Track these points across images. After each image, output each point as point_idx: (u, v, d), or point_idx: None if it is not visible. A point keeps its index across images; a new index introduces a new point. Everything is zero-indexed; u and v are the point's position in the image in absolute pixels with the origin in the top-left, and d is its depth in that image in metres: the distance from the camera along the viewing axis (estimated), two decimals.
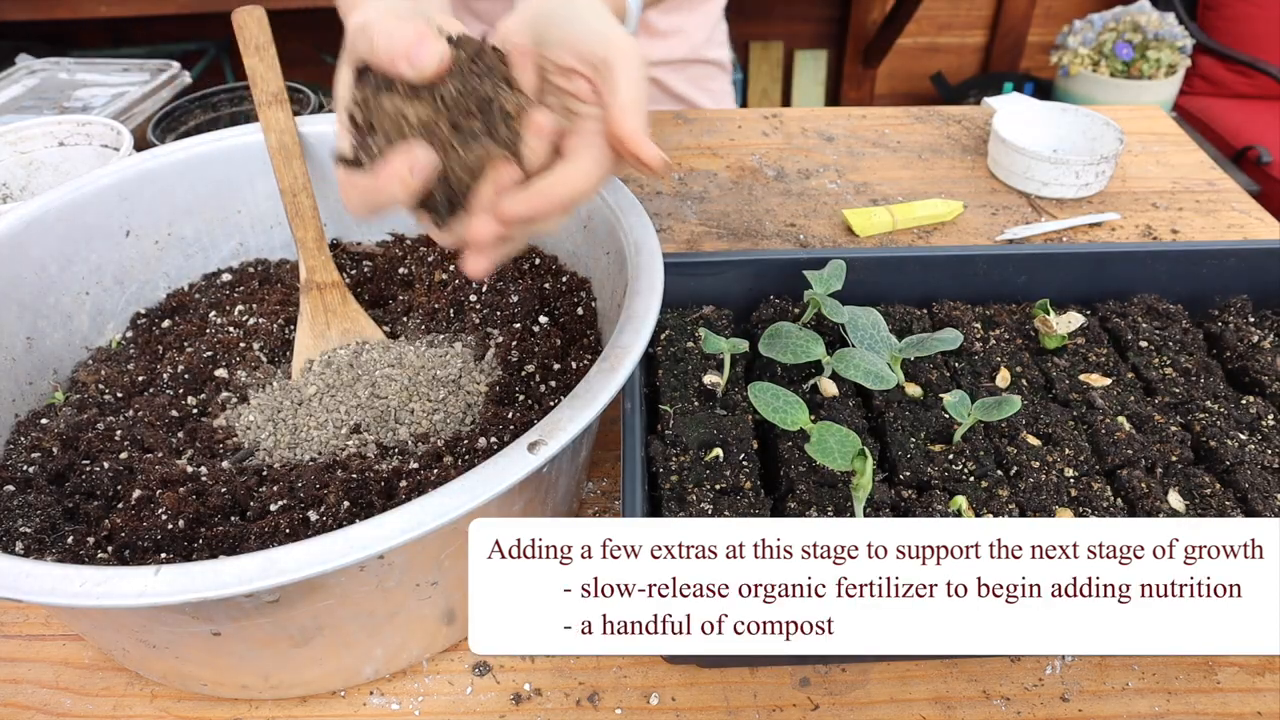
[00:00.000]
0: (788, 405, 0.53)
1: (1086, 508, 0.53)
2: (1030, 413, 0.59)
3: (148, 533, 0.51)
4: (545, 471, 0.50)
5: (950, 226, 0.92)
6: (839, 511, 0.52)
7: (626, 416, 0.55)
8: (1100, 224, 0.91)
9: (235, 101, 1.04)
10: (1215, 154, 2.06)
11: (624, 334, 0.51)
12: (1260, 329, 0.67)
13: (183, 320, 0.69)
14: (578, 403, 0.47)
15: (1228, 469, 0.56)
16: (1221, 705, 0.51)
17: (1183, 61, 2.25)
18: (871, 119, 1.11)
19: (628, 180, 0.97)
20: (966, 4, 2.65)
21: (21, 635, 0.56)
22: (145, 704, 0.52)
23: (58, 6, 2.04)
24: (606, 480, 0.65)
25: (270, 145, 0.68)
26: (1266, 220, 0.92)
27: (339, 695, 0.52)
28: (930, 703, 0.51)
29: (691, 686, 0.52)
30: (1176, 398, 0.61)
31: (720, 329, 0.66)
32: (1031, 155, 0.94)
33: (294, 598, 0.44)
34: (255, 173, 0.73)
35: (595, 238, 0.66)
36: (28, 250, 0.63)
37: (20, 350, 0.62)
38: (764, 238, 0.90)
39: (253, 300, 0.71)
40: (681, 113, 1.10)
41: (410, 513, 0.41)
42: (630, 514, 0.49)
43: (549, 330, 0.66)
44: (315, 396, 0.62)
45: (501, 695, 0.52)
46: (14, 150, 0.91)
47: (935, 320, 0.68)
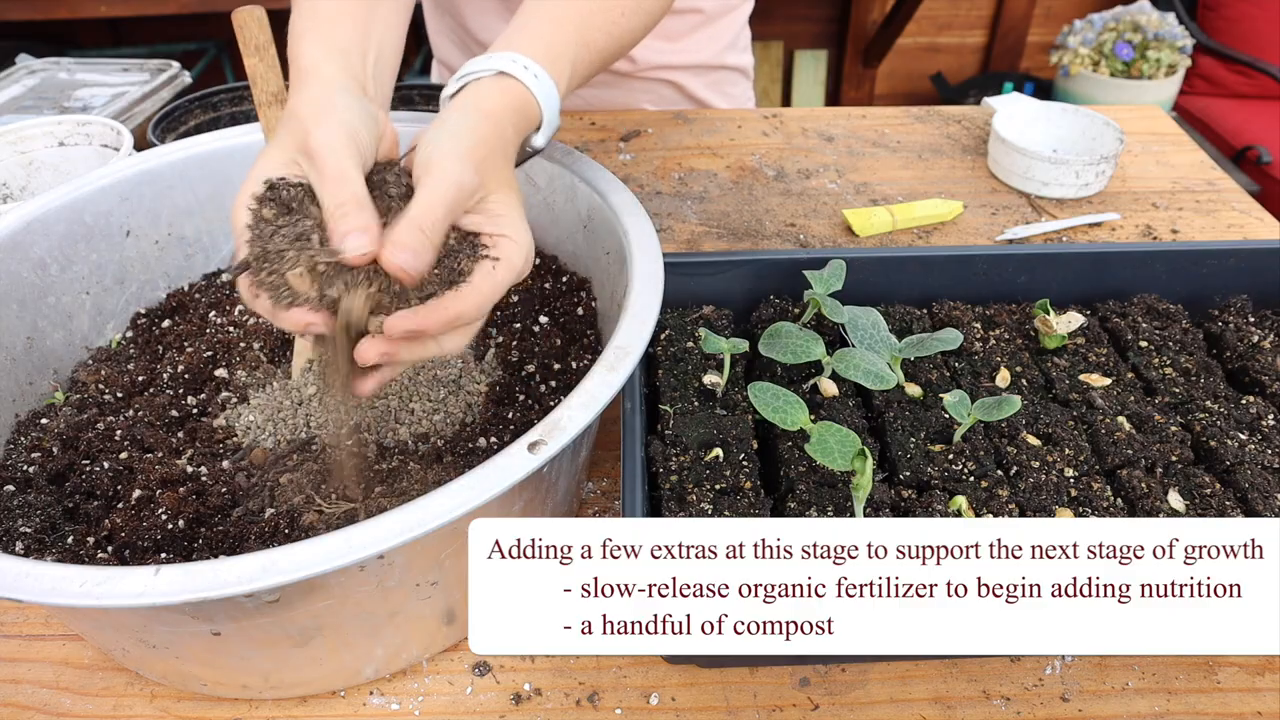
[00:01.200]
0: (788, 405, 0.53)
1: (1086, 508, 0.53)
2: (1030, 413, 0.59)
3: (148, 533, 0.51)
4: (545, 471, 0.50)
5: (950, 226, 0.92)
6: (839, 511, 0.52)
7: (626, 416, 0.55)
8: (1100, 224, 0.91)
9: (235, 101, 1.04)
10: (1215, 154, 2.07)
11: (624, 334, 0.51)
12: (1260, 329, 0.67)
13: (183, 320, 0.69)
14: (577, 402, 0.47)
15: (1228, 469, 0.56)
16: (1221, 705, 0.51)
17: (1183, 61, 2.25)
18: (871, 119, 1.11)
19: (628, 180, 0.97)
20: (966, 4, 2.65)
21: (21, 635, 0.56)
22: (145, 704, 0.52)
23: (58, 6, 2.04)
24: (606, 480, 0.65)
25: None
26: (1266, 220, 0.92)
27: (339, 695, 0.52)
28: (930, 703, 0.51)
29: (691, 686, 0.52)
30: (1176, 398, 0.61)
31: (720, 329, 0.66)
32: (1031, 155, 0.94)
33: (294, 598, 0.44)
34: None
35: (595, 237, 0.66)
36: (28, 250, 0.63)
37: (20, 350, 0.62)
38: (764, 238, 0.90)
39: None
40: (682, 113, 1.10)
41: (410, 513, 0.41)
42: (630, 514, 0.49)
43: (549, 330, 0.66)
44: (315, 396, 0.62)
45: (501, 695, 0.52)
46: (14, 150, 0.91)
47: (935, 320, 0.68)
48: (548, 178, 0.69)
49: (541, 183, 0.70)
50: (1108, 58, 2.26)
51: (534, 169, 0.70)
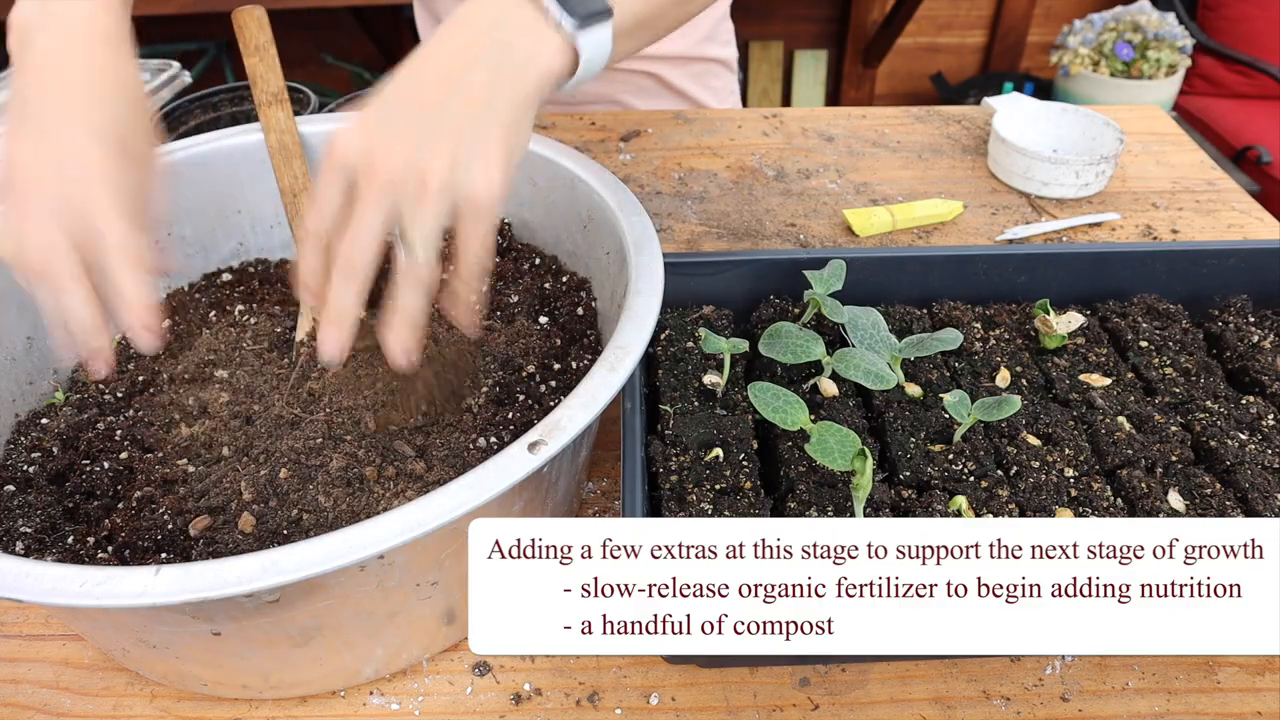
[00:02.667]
0: (788, 405, 0.53)
1: (1086, 508, 0.53)
2: (1030, 413, 0.59)
3: (148, 533, 0.51)
4: (545, 471, 0.50)
5: (950, 226, 0.92)
6: (839, 511, 0.52)
7: (626, 416, 0.55)
8: (1100, 224, 0.91)
9: (235, 101, 1.04)
10: (1215, 154, 2.07)
11: (624, 333, 0.51)
12: (1260, 329, 0.67)
13: (183, 320, 0.69)
14: (577, 403, 0.47)
15: (1228, 469, 0.56)
16: (1221, 705, 0.51)
17: (1183, 61, 2.25)
18: (871, 119, 1.11)
19: (628, 180, 0.97)
20: (966, 4, 2.65)
21: (21, 635, 0.56)
22: (145, 704, 0.52)
23: None
24: (606, 480, 0.65)
25: (270, 145, 0.68)
26: (1266, 220, 0.92)
27: (339, 695, 0.52)
28: (930, 703, 0.51)
29: (691, 686, 0.52)
30: (1176, 398, 0.61)
31: (720, 329, 0.66)
32: (1031, 155, 0.94)
33: (294, 598, 0.44)
34: (255, 173, 0.73)
35: (595, 238, 0.66)
36: None
37: (20, 350, 0.62)
38: (764, 238, 0.90)
39: (253, 300, 0.71)
40: (681, 113, 1.10)
41: (410, 513, 0.41)
42: (630, 514, 0.49)
43: (549, 330, 0.66)
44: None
45: (501, 695, 0.52)
46: None
47: (935, 320, 0.68)
48: (548, 177, 0.69)
49: (541, 182, 0.70)
50: (1108, 58, 2.26)
51: (534, 169, 0.70)
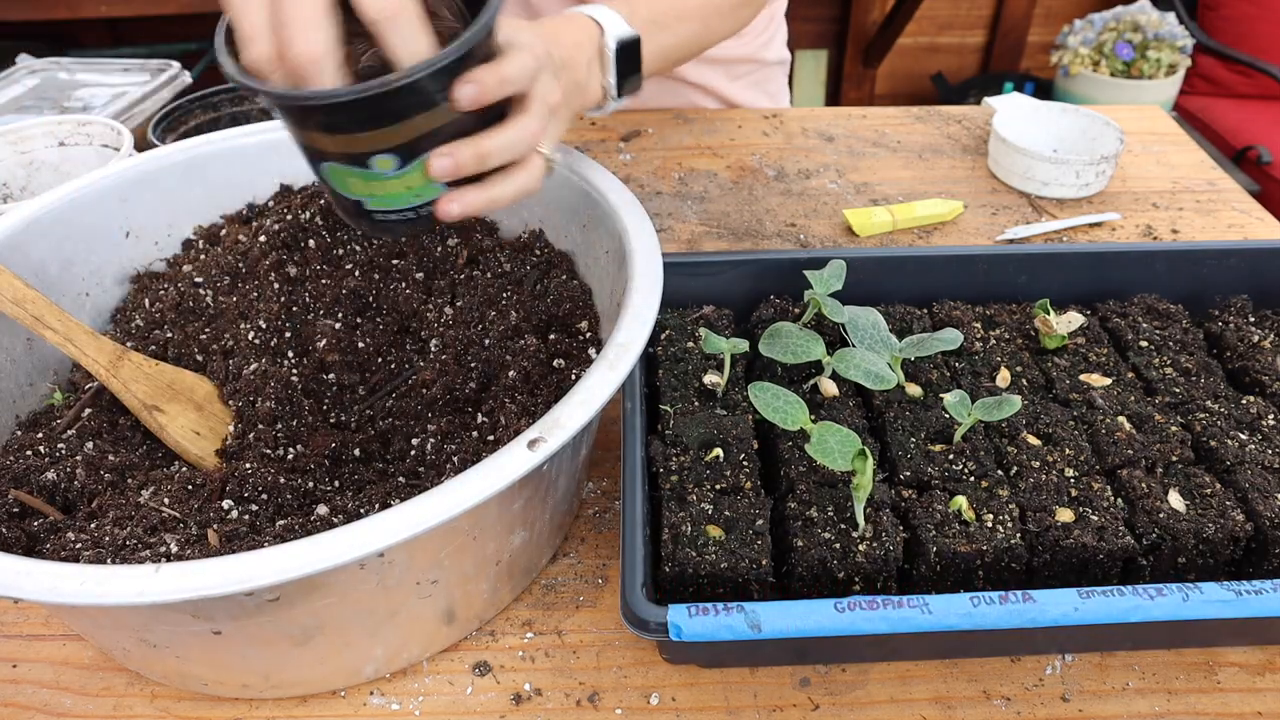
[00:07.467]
0: (788, 405, 0.53)
1: (1087, 507, 0.53)
2: (1030, 413, 0.59)
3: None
4: (545, 469, 0.50)
5: (950, 226, 0.92)
6: (839, 511, 0.52)
7: (626, 416, 0.55)
8: (1100, 224, 0.91)
9: (235, 101, 1.04)
10: (1215, 154, 2.06)
11: (624, 332, 0.51)
12: (1260, 329, 0.67)
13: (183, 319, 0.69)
14: (577, 400, 0.47)
15: (1228, 469, 0.56)
16: (1221, 705, 0.51)
17: (1183, 61, 2.25)
18: (871, 119, 1.11)
19: (628, 180, 0.97)
20: (966, 4, 2.65)
21: (21, 635, 0.56)
22: (145, 704, 0.52)
23: (58, 6, 2.04)
24: (606, 480, 0.65)
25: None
26: (1266, 220, 0.92)
27: (339, 695, 0.52)
28: (930, 703, 0.51)
29: (691, 686, 0.52)
30: (1177, 398, 0.61)
31: (720, 329, 0.66)
32: (1031, 155, 0.94)
33: (294, 596, 0.44)
34: (256, 174, 0.73)
35: (595, 237, 0.66)
36: (28, 251, 0.63)
37: (20, 351, 0.62)
38: (764, 238, 0.90)
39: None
40: (681, 113, 1.10)
41: (410, 511, 0.41)
42: (630, 514, 0.49)
43: (548, 330, 0.65)
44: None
45: (502, 695, 0.52)
46: (14, 150, 0.91)
47: (935, 320, 0.68)
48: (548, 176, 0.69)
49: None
50: (1108, 58, 2.26)
51: None
